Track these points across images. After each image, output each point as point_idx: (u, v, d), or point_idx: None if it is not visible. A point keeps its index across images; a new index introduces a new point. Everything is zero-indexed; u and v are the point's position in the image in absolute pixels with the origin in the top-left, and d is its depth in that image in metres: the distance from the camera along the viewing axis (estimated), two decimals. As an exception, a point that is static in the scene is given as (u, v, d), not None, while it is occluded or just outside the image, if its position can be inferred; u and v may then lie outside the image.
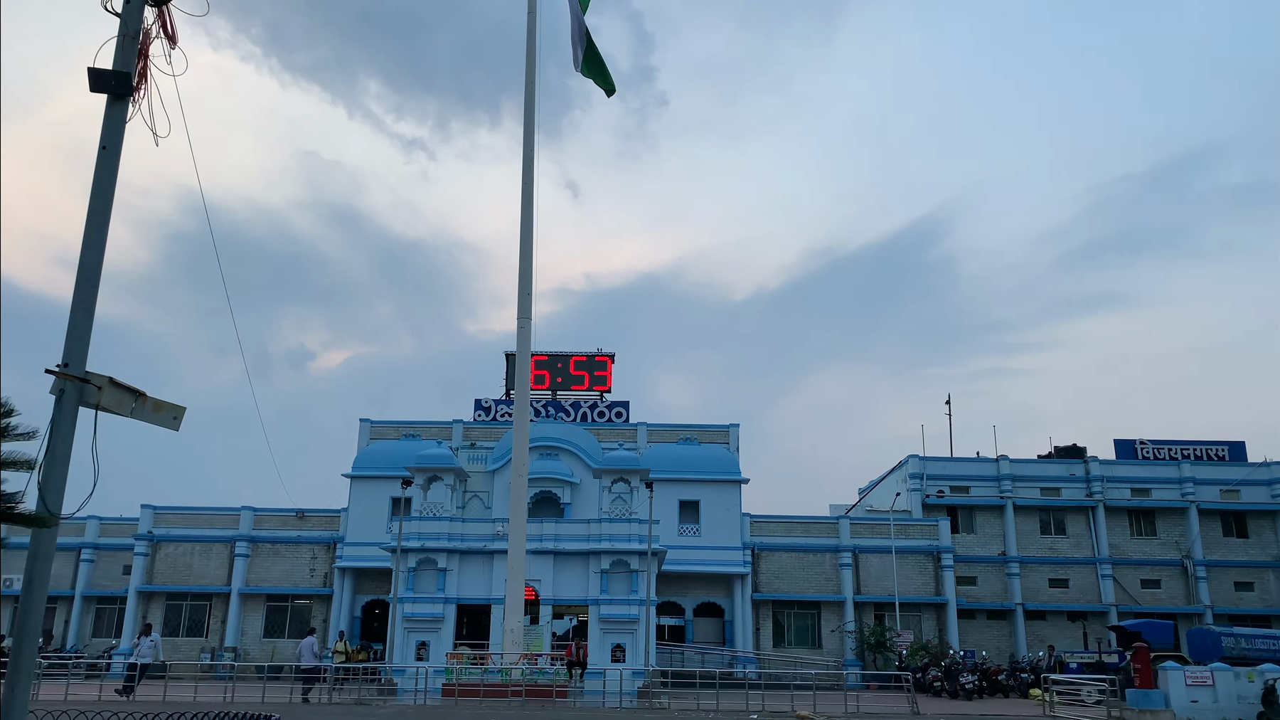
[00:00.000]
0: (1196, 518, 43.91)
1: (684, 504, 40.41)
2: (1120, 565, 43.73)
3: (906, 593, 40.38)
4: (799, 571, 40.94)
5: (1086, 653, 29.26)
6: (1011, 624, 42.82)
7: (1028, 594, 43.21)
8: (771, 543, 41.05)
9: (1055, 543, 44.37)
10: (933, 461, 45.29)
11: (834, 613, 40.57)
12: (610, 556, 32.36)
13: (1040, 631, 43.01)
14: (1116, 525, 44.46)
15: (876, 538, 41.41)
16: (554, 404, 43.62)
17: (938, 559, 41.29)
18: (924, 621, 40.70)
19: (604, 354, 44.44)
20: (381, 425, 43.09)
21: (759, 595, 40.16)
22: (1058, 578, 43.83)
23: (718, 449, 42.16)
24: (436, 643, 31.85)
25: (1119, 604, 42.89)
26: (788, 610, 40.82)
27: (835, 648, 40.07)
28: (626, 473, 33.39)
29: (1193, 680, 23.92)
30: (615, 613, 31.79)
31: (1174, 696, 23.71)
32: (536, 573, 32.51)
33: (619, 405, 43.64)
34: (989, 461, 45.48)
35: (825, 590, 40.69)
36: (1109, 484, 44.62)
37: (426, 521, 32.77)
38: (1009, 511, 44.05)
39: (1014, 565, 43.38)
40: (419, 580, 32.39)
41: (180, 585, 40.34)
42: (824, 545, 41.10)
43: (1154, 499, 44.51)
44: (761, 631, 40.24)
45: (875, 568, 41.07)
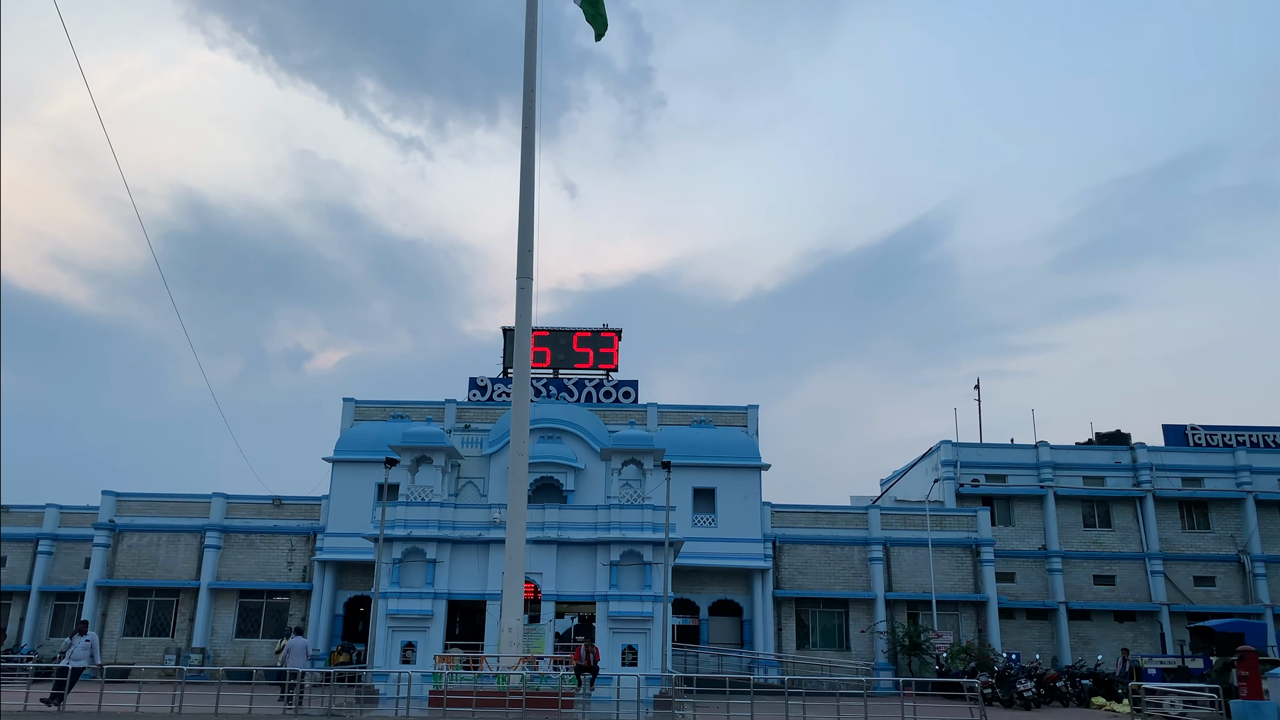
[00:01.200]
0: (1254, 509, 40.38)
1: (698, 492, 36.79)
2: (1171, 561, 40.19)
3: (943, 589, 36.80)
4: (824, 566, 37.32)
5: (1168, 657, 25.82)
6: (1053, 624, 39.25)
7: (1070, 592, 39.66)
8: (794, 535, 37.44)
9: (1100, 536, 40.81)
10: (966, 448, 41.71)
11: (863, 611, 36.96)
12: (621, 547, 28.75)
13: (1084, 633, 39.47)
14: (1167, 517, 40.91)
15: (909, 529, 37.81)
16: (556, 383, 40.00)
17: (976, 553, 37.68)
18: (962, 621, 37.10)
19: (610, 329, 40.83)
20: (367, 405, 39.45)
21: (781, 592, 36.55)
22: (1103, 574, 40.29)
23: (735, 432, 38.54)
24: (424, 644, 28.22)
25: (1171, 603, 39.36)
26: (812, 609, 37.21)
27: (865, 650, 36.46)
28: (638, 453, 29.78)
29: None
30: (626, 610, 28.19)
31: (1288, 709, 20.15)
32: (538, 565, 28.90)
33: (626, 385, 40.03)
34: (1027, 448, 41.91)
35: (854, 587, 37.08)
36: (1158, 473, 41.08)
37: (414, 507, 29.14)
38: (1050, 502, 40.50)
39: (1055, 560, 39.82)
40: (405, 573, 28.75)
41: (144, 580, 36.63)
42: (852, 538, 37.50)
43: (1207, 489, 40.99)
44: (784, 632, 36.62)
45: (908, 562, 37.47)
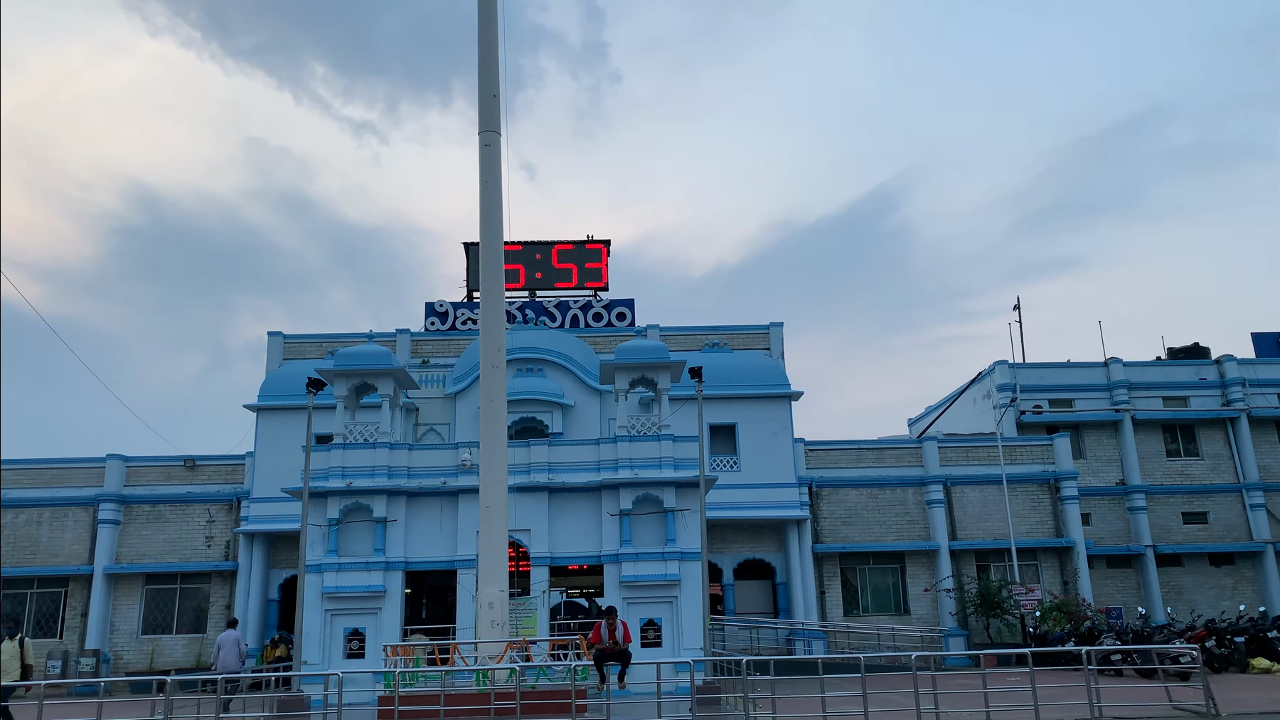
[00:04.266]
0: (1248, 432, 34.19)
1: (715, 430, 29.76)
2: (1273, 492, 33.87)
3: (1019, 535, 30.15)
4: (873, 513, 30.51)
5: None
6: (1139, 572, 32.80)
7: (1157, 533, 33.21)
8: (835, 477, 30.56)
9: (1187, 467, 34.37)
10: (1025, 369, 35.02)
11: (923, 566, 30.23)
12: (634, 491, 21.72)
13: (1176, 581, 33.06)
14: (1264, 441, 34.54)
15: (974, 464, 31.08)
16: (534, 306, 32.72)
17: (1055, 489, 31.06)
18: (1043, 572, 30.51)
19: (596, 240, 33.57)
20: (299, 340, 31.97)
21: (821, 547, 29.74)
22: (1193, 511, 33.86)
23: (757, 356, 31.53)
24: (376, 630, 21.08)
25: (1275, 541, 33.07)
26: (860, 566, 30.41)
27: (927, 612, 29.76)
28: (651, 368, 22.68)
29: None
30: (645, 573, 21.21)
31: None
32: (523, 519, 21.80)
33: (620, 305, 32.84)
34: (1096, 367, 35.29)
35: (910, 537, 30.33)
36: (1251, 389, 34.67)
37: (355, 450, 21.89)
38: (1127, 428, 33.96)
39: (1138, 497, 33.32)
40: (346, 538, 21.53)
41: (23, 567, 29.04)
42: (905, 477, 30.68)
43: (1309, 406, 34.69)
44: (828, 595, 29.82)
45: (974, 504, 30.76)
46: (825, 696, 14.25)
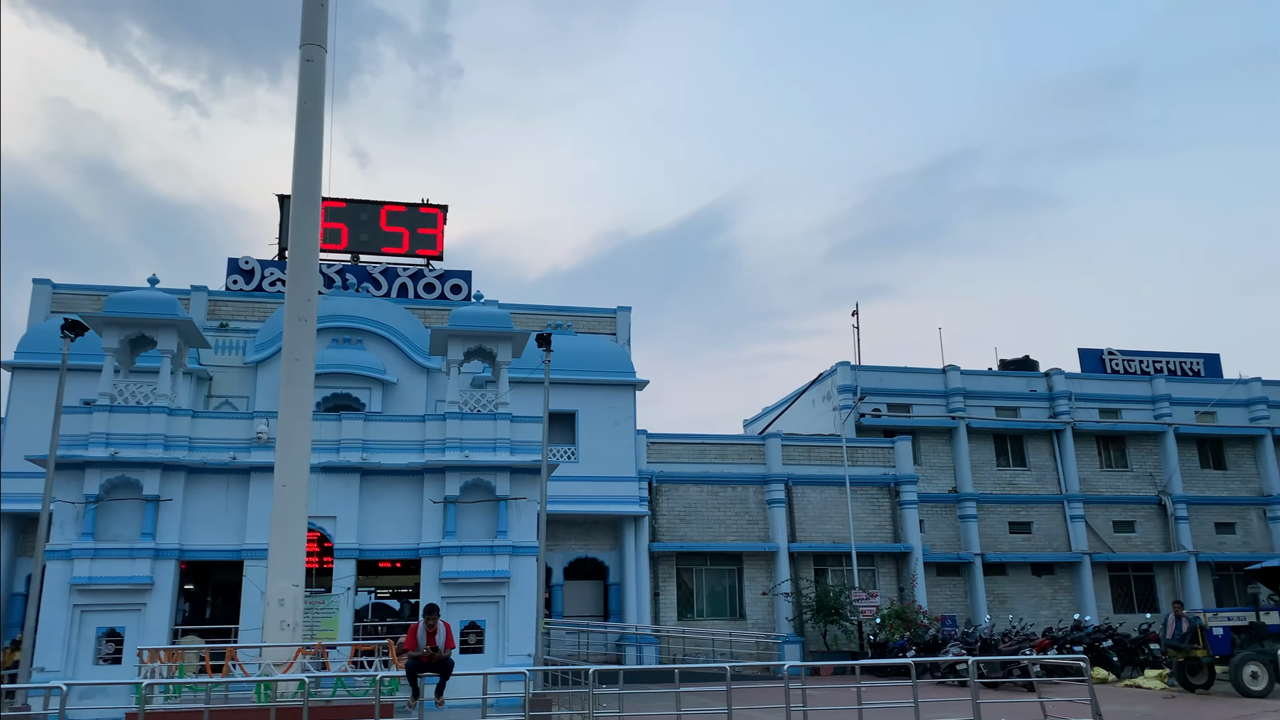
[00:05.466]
0: (1174, 445, 35.57)
1: (554, 417, 27.30)
2: (1091, 504, 34.72)
3: (858, 539, 29.34)
4: (713, 512, 28.99)
5: (1239, 610, 19.32)
6: (967, 580, 32.80)
7: (985, 542, 33.36)
8: (676, 472, 28.85)
9: (1015, 476, 34.78)
10: (868, 371, 34.54)
11: (761, 568, 28.93)
12: (463, 475, 19.10)
13: (1000, 589, 33.27)
14: (1085, 454, 35.43)
15: (816, 464, 30.10)
16: (356, 270, 29.40)
17: (895, 493, 30.52)
18: (880, 578, 29.84)
19: (432, 205, 30.60)
20: (71, 292, 27.44)
21: (658, 546, 27.92)
22: (1019, 520, 34.27)
23: (603, 340, 29.44)
24: (139, 630, 17.55)
25: (1092, 552, 33.86)
26: (698, 566, 28.79)
27: (763, 617, 28.47)
28: (490, 339, 20.13)
29: None
30: (470, 569, 18.64)
31: None
32: (328, 504, 18.78)
33: (456, 276, 29.99)
34: (934, 373, 35.26)
35: (749, 537, 28.97)
36: (1076, 402, 35.52)
37: (124, 414, 18.23)
38: (961, 436, 34.00)
39: (969, 505, 33.37)
40: (107, 519, 17.87)
41: None
42: (748, 475, 29.32)
43: (1126, 421, 35.83)
44: (662, 598, 28.02)
45: (814, 505, 29.76)
46: (681, 713, 12.20)
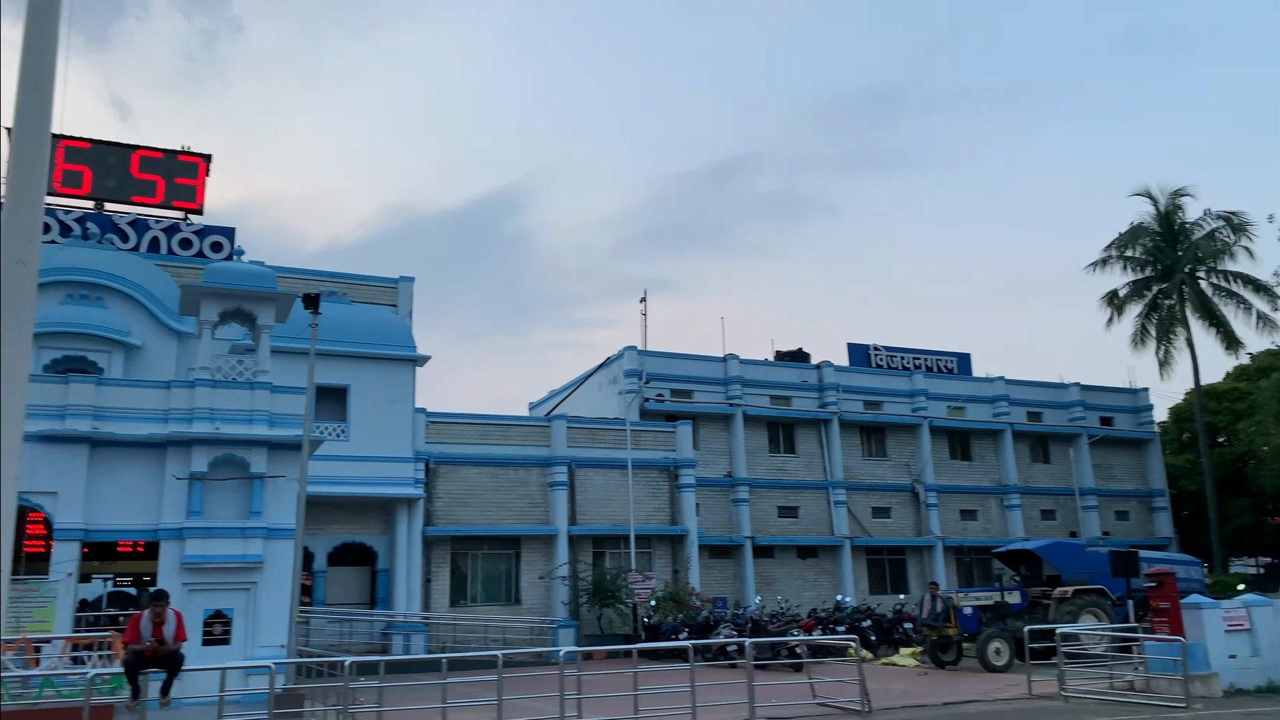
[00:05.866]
0: (929, 437, 38.09)
1: (323, 392, 25.50)
2: (853, 490, 36.58)
3: (638, 522, 29.34)
4: (492, 494, 28.09)
5: (986, 590, 20.52)
6: (737, 563, 33.71)
7: (756, 525, 34.40)
8: (456, 453, 27.71)
9: (786, 463, 36.10)
10: (652, 357, 34.71)
11: (540, 552, 28.34)
12: (212, 450, 17.25)
13: (768, 572, 34.42)
14: (849, 444, 37.26)
15: (600, 447, 29.82)
16: (100, 219, 26.20)
17: (675, 476, 30.78)
18: (656, 560, 30.00)
19: (194, 153, 27.78)
20: None
21: (433, 530, 26.73)
22: (787, 505, 35.59)
23: (382, 312, 27.78)
24: None
25: (852, 536, 35.67)
26: (474, 551, 27.82)
27: (540, 602, 27.91)
28: (250, 299, 18.31)
29: (1231, 622, 15.29)
30: (218, 553, 16.88)
31: (1212, 650, 14.89)
32: (48, 478, 16.42)
33: (217, 233, 27.35)
34: (715, 361, 35.97)
35: (529, 520, 28.29)
36: (844, 394, 37.29)
37: None
38: (738, 422, 34.88)
39: (743, 489, 34.30)
40: None
41: None
42: (531, 457, 28.63)
43: (886, 414, 37.99)
44: (435, 584, 26.84)
45: (596, 489, 29.48)
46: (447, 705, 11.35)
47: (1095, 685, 15.01)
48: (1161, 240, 40.26)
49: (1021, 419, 40.08)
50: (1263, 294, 37.46)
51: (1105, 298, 41.76)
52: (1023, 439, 40.14)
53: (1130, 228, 40.97)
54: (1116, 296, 41.50)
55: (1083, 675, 15.31)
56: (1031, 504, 39.28)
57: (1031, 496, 39.34)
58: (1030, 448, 40.56)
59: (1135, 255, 40.98)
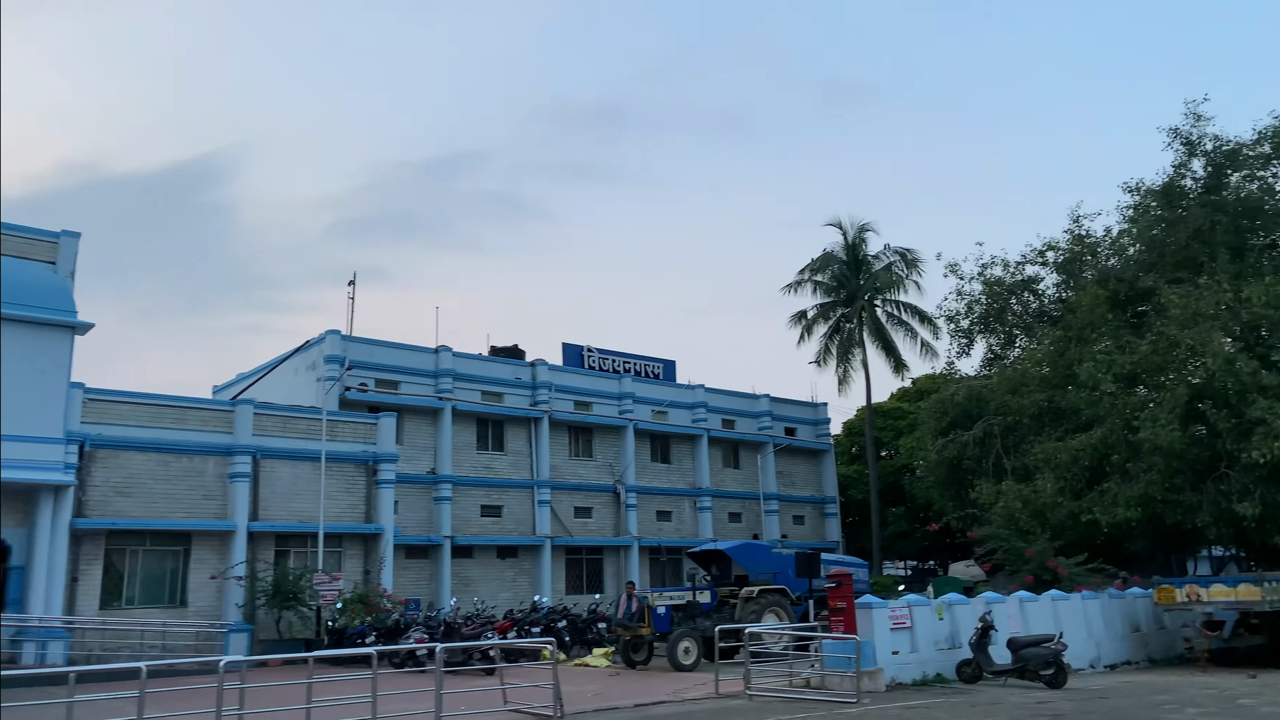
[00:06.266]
0: (633, 439, 38.98)
1: (-51, 355, 21.56)
2: (558, 490, 36.61)
3: (329, 518, 27.38)
4: (161, 484, 25.04)
5: (679, 589, 20.74)
6: (435, 563, 32.63)
7: (457, 524, 33.46)
8: (120, 437, 24.42)
9: (493, 461, 35.45)
10: (358, 344, 32.79)
11: (214, 549, 25.62)
12: None
13: (466, 572, 33.62)
14: (558, 443, 37.27)
15: (292, 437, 27.55)
16: None
17: (373, 471, 29.12)
18: (346, 560, 28.16)
19: None
20: None
21: (85, 522, 23.37)
22: (492, 504, 34.97)
23: (34, 268, 23.92)
24: None
25: (554, 535, 35.68)
26: (134, 548, 24.64)
27: (210, 604, 25.22)
28: None
29: (896, 621, 16.52)
30: None
31: (879, 646, 16.00)
32: None
33: None
34: (427, 352, 34.65)
35: (203, 514, 25.52)
36: (555, 393, 37.27)
37: None
38: (447, 417, 33.79)
39: (446, 487, 33.25)
40: None
41: None
42: (210, 445, 25.84)
43: (595, 414, 38.43)
44: (82, 584, 23.46)
45: (284, 482, 27.17)
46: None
47: (777, 683, 15.65)
48: (847, 269, 43.91)
49: (718, 426, 42.08)
50: (927, 324, 41.84)
51: (795, 317, 44.88)
52: (717, 445, 42.17)
53: (822, 254, 44.31)
54: (805, 317, 44.72)
55: (767, 673, 15.92)
56: (721, 506, 41.34)
57: (722, 499, 41.40)
58: (723, 453, 42.71)
59: (824, 281, 44.36)
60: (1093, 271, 29.75)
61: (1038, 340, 31.47)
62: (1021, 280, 32.17)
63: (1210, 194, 27.18)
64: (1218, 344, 22.51)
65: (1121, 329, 26.20)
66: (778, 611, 20.97)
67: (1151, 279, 26.49)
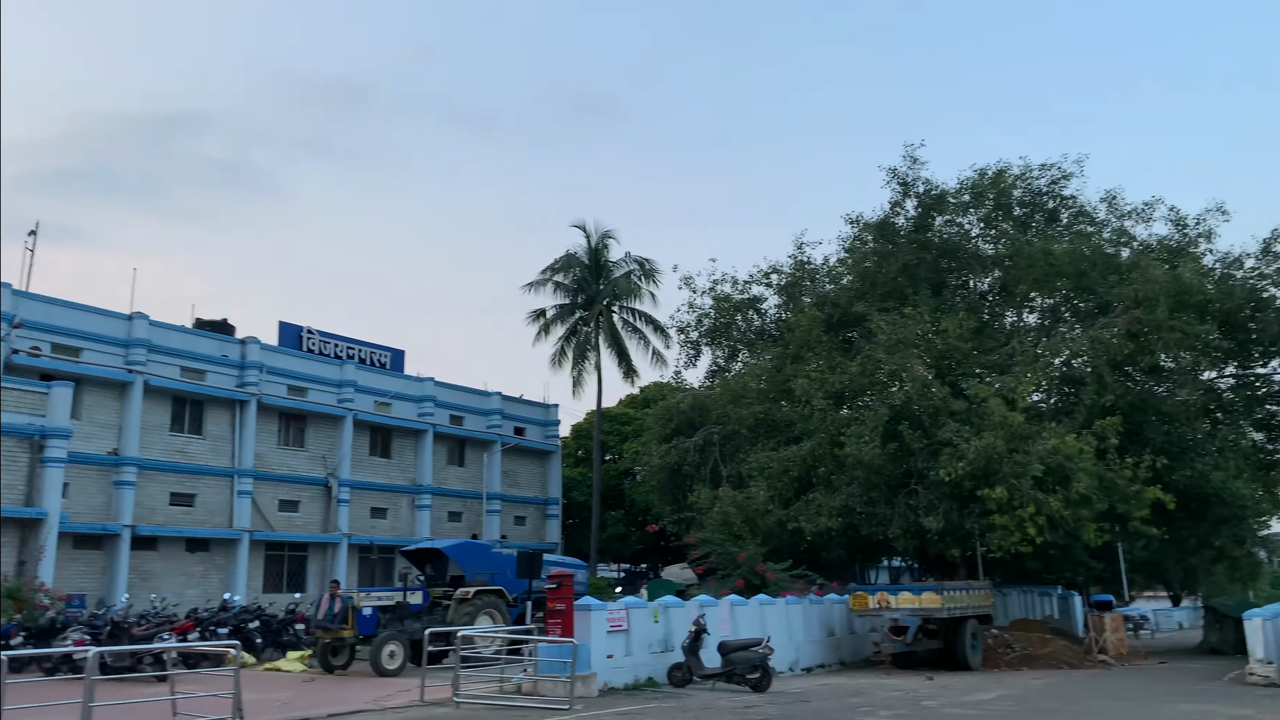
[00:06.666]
0: (351, 430, 36.77)
1: None
2: (262, 480, 33.74)
3: (-25, 501, 23.37)
4: None
5: (389, 589, 19.12)
6: (110, 555, 28.96)
7: (141, 513, 29.92)
8: None
9: (188, 444, 32.07)
10: (35, 301, 28.51)
11: None
12: None
13: (148, 565, 30.13)
14: (266, 430, 34.38)
15: (-67, 403, 23.31)
16: None
17: (39, 448, 25.26)
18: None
19: None
20: None
21: None
22: (183, 492, 31.61)
23: None
24: None
25: (254, 529, 32.84)
26: None
27: None
28: None
29: (613, 624, 16.26)
30: None
31: (595, 650, 15.66)
32: None
33: None
34: (119, 318, 30.74)
35: None
36: (267, 375, 34.36)
37: None
38: (137, 392, 30.15)
39: (130, 470, 29.65)
40: None
41: None
42: None
43: (311, 401, 35.85)
44: None
45: (-81, 455, 22.93)
46: None
47: (488, 689, 14.90)
48: (589, 273, 44.08)
49: (445, 421, 40.70)
50: (660, 333, 42.86)
51: (534, 315, 44.46)
52: (443, 440, 40.78)
53: (565, 255, 44.19)
54: (544, 316, 44.42)
55: (477, 679, 15.14)
56: (442, 505, 39.99)
57: (443, 498, 40.05)
58: (449, 450, 41.38)
59: (565, 283, 44.28)
60: (811, 296, 31.61)
61: (758, 356, 33.00)
62: (748, 299, 33.61)
63: (919, 233, 29.72)
64: (916, 370, 24.45)
65: (834, 350, 27.93)
66: (493, 613, 20.24)
67: (863, 306, 28.50)
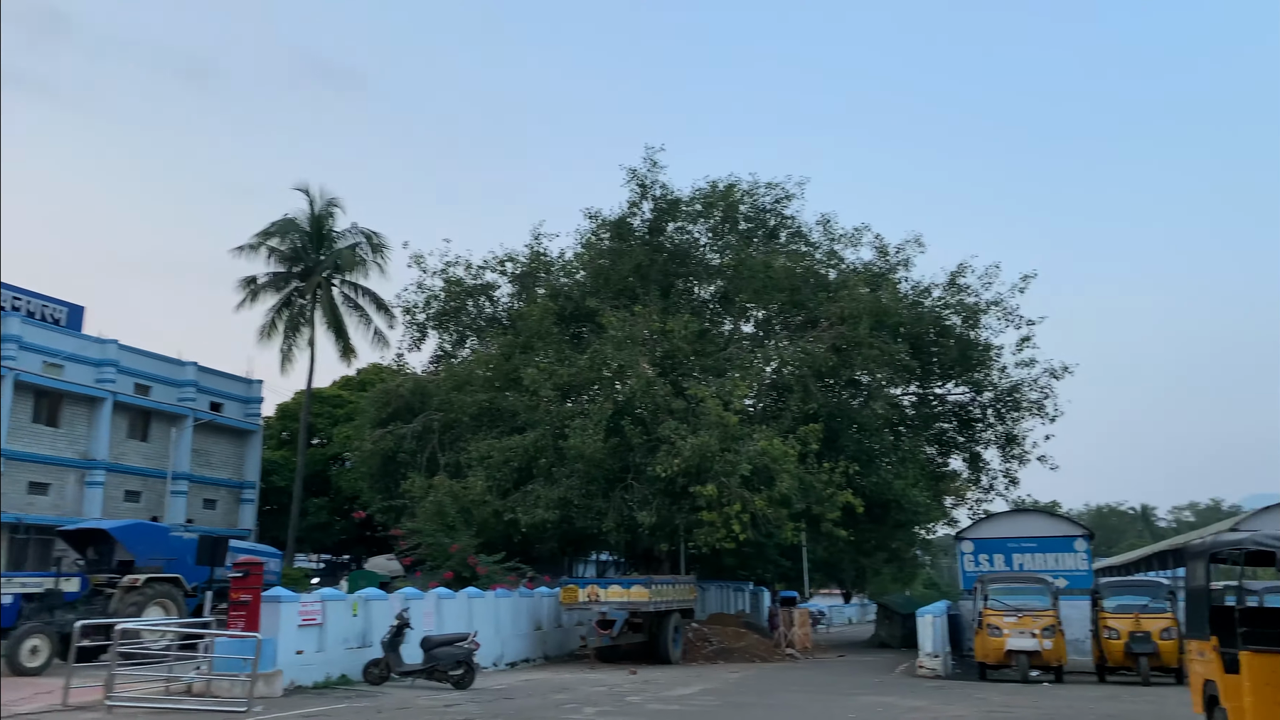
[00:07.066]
0: (10, 393, 31.84)
1: None
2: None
3: None
4: None
5: (37, 575, 16.00)
6: None
7: None
8: None
9: None
10: None
11: None
12: None
13: None
14: (-105, 384, 28.98)
15: None
16: None
17: None
18: None
19: None
20: None
21: None
22: None
23: None
24: None
25: None
26: None
27: None
28: None
29: (306, 617, 14.83)
30: None
31: (282, 645, 14.18)
32: None
33: None
34: None
35: None
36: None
37: None
38: None
39: None
40: None
41: None
42: None
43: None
44: None
45: None
46: None
47: (152, 689, 13.05)
48: (309, 240, 41.15)
49: (129, 390, 36.37)
50: (383, 312, 40.81)
51: (243, 281, 40.89)
52: (124, 411, 36.41)
53: (283, 219, 40.97)
54: (254, 283, 40.97)
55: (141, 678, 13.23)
56: (118, 483, 35.67)
57: (119, 475, 35.73)
58: (131, 422, 37.01)
59: (282, 249, 41.08)
60: (545, 287, 31.25)
61: (487, 344, 32.16)
62: (481, 284, 32.70)
63: (653, 235, 30.21)
64: (641, 368, 24.72)
65: (564, 343, 27.71)
66: (166, 604, 18.00)
67: (595, 301, 28.50)
